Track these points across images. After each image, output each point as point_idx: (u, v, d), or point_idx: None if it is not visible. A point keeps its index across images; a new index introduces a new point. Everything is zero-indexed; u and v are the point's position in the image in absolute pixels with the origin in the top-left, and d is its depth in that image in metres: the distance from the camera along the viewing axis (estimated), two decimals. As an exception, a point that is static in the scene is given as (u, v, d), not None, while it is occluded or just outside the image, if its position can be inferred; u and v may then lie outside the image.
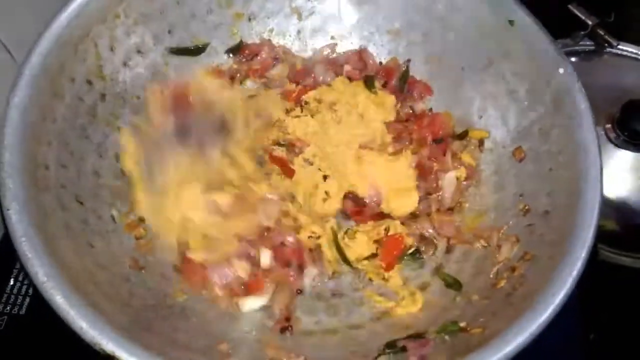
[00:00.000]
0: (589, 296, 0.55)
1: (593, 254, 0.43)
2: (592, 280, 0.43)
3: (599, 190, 0.44)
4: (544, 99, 0.52)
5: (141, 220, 0.52)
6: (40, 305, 0.39)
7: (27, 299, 0.56)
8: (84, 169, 0.50)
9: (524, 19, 0.53)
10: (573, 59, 0.74)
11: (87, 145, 0.51)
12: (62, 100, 0.49)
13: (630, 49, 0.74)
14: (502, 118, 0.56)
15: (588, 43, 0.74)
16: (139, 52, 0.56)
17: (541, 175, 0.50)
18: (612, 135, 0.67)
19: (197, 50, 0.60)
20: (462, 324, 0.45)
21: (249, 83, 0.62)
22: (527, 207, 0.50)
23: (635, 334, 0.61)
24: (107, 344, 0.38)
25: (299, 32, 0.64)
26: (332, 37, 0.64)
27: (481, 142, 0.58)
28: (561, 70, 0.51)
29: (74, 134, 0.50)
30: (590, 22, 0.72)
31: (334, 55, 0.63)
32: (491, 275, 0.48)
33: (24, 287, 0.57)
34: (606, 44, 0.73)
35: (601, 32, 0.72)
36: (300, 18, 0.63)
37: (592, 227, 0.43)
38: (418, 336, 0.46)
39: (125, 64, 0.55)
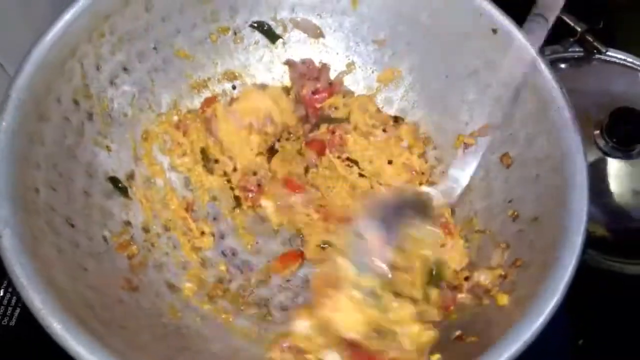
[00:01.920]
0: (578, 302, 0.56)
1: (582, 260, 0.43)
2: (581, 286, 0.43)
3: (586, 197, 0.45)
4: (529, 106, 0.53)
5: (132, 239, 0.52)
6: (31, 316, 0.39)
7: (17, 310, 0.56)
8: (74, 190, 0.50)
9: (507, 27, 0.54)
10: (562, 66, 0.75)
11: (76, 166, 0.51)
12: (49, 121, 0.49)
13: (619, 56, 0.75)
14: (488, 125, 0.57)
15: (577, 49, 0.75)
16: (125, 69, 0.56)
17: (528, 181, 0.51)
18: (601, 141, 0.68)
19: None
20: (458, 333, 0.45)
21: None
22: (516, 213, 0.51)
23: (624, 340, 0.62)
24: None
25: (284, 43, 0.64)
26: (318, 48, 0.64)
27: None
28: (545, 78, 0.52)
29: (62, 155, 0.50)
30: (579, 29, 0.73)
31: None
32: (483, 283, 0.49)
33: (14, 298, 0.57)
34: (595, 51, 0.74)
35: (590, 39, 0.73)
36: (285, 30, 0.64)
37: (580, 234, 0.43)
38: None
39: (111, 82, 0.55)
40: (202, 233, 0.56)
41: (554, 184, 0.48)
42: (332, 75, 0.64)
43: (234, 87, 0.63)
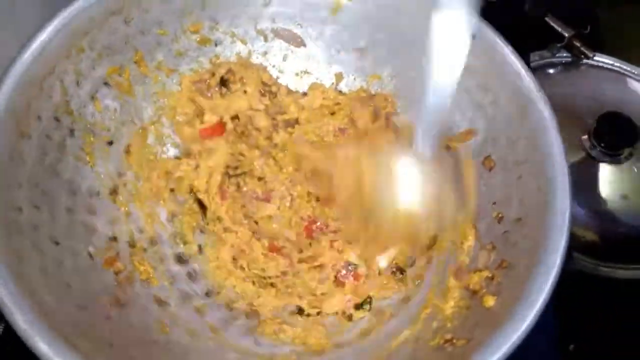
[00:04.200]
0: (567, 307, 0.56)
1: (570, 264, 0.44)
2: (571, 291, 0.44)
3: (568, 198, 0.46)
4: (509, 110, 0.53)
5: (118, 255, 0.52)
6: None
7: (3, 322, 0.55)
8: (57, 208, 0.49)
9: (486, 32, 0.54)
10: (550, 71, 0.76)
11: (58, 183, 0.51)
12: (30, 139, 0.48)
13: (606, 60, 0.76)
14: (469, 128, 0.57)
15: (565, 55, 0.75)
16: (105, 84, 0.56)
17: (511, 183, 0.52)
18: (589, 146, 0.68)
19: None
20: (448, 336, 0.46)
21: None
22: (500, 215, 0.52)
23: (615, 344, 0.62)
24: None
25: (265, 52, 0.64)
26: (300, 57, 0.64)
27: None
28: (523, 80, 0.52)
29: (44, 173, 0.49)
30: (566, 34, 0.73)
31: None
32: (471, 285, 0.49)
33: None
34: (582, 56, 0.74)
35: (577, 44, 0.74)
36: (266, 39, 0.64)
37: (564, 234, 0.44)
38: None
39: (92, 98, 0.55)
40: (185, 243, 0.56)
41: (536, 185, 0.48)
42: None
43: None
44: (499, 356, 0.39)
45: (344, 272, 0.55)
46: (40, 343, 0.38)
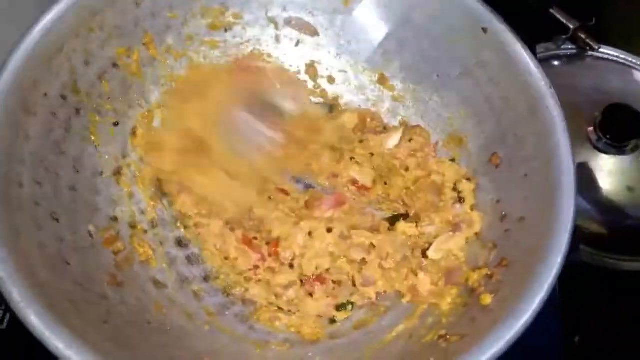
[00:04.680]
0: (572, 298, 0.56)
1: (576, 256, 0.43)
2: (576, 282, 0.43)
3: (573, 198, 0.45)
4: (519, 106, 0.52)
5: (118, 235, 0.52)
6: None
7: (9, 314, 0.55)
8: (60, 185, 0.50)
9: (497, 26, 0.53)
10: (555, 63, 0.75)
11: (63, 161, 0.51)
12: (35, 116, 0.48)
13: (611, 52, 0.75)
14: (478, 124, 0.56)
15: (570, 47, 0.75)
16: (114, 65, 0.56)
17: (517, 181, 0.51)
18: (594, 138, 0.68)
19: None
20: (442, 332, 0.45)
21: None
22: (503, 213, 0.51)
23: (620, 336, 0.62)
24: (85, 365, 0.37)
25: (276, 39, 0.64)
26: (310, 46, 0.64)
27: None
28: (534, 77, 0.51)
29: (48, 150, 0.50)
30: (571, 26, 0.73)
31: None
32: (470, 283, 0.49)
33: (5, 302, 0.56)
34: (588, 48, 0.74)
35: (582, 36, 0.73)
36: (277, 28, 0.63)
37: (567, 234, 0.43)
38: None
39: (100, 78, 0.55)
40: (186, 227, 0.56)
41: (541, 184, 0.48)
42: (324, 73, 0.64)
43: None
44: (492, 353, 0.39)
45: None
46: (32, 317, 0.38)
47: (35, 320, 0.38)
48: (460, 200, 0.55)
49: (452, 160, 0.58)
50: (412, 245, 0.54)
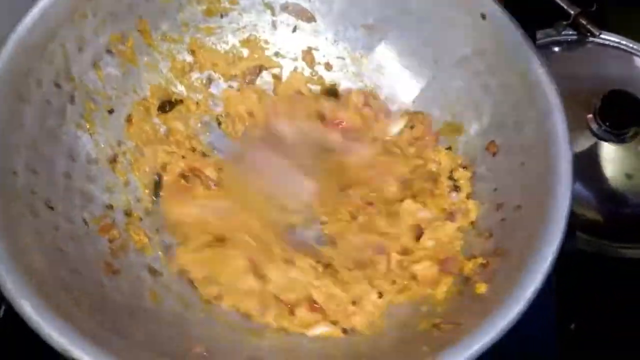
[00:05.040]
0: (569, 286, 0.55)
1: (573, 243, 0.43)
2: (572, 270, 0.43)
3: (569, 185, 0.44)
4: (517, 93, 0.52)
5: (113, 222, 0.52)
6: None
7: (4, 303, 0.56)
8: (55, 173, 0.50)
9: (496, 12, 0.53)
10: (556, 49, 0.74)
11: (57, 149, 0.51)
12: (29, 104, 0.48)
13: (612, 38, 0.74)
14: (476, 112, 0.56)
15: (570, 33, 0.74)
16: (108, 52, 0.55)
17: (514, 169, 0.50)
18: (594, 125, 0.67)
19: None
20: (437, 321, 0.45)
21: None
22: (500, 202, 0.51)
23: (616, 323, 0.62)
24: (78, 353, 0.37)
25: (273, 25, 0.63)
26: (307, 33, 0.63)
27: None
28: (533, 63, 0.51)
29: (43, 138, 0.49)
30: (572, 12, 0.72)
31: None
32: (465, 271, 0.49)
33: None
34: (589, 34, 0.72)
35: (583, 22, 0.72)
36: (273, 13, 0.63)
37: (562, 223, 0.43)
38: None
39: (95, 65, 0.54)
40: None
41: (538, 171, 0.47)
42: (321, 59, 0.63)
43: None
44: (485, 342, 0.38)
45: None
46: (25, 305, 0.38)
47: (29, 308, 0.38)
48: (456, 188, 0.55)
49: (449, 148, 0.57)
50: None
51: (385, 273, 0.51)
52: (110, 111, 0.56)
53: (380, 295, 0.50)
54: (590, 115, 0.67)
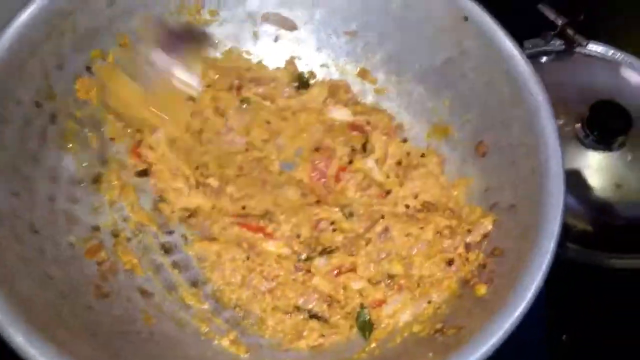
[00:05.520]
0: (560, 296, 0.55)
1: (563, 253, 0.42)
2: (563, 280, 0.42)
3: (562, 181, 0.45)
4: (503, 93, 0.52)
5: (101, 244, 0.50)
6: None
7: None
8: (38, 196, 0.48)
9: (479, 14, 0.53)
10: (543, 59, 0.74)
11: (40, 171, 0.49)
12: (10, 125, 0.47)
13: (600, 49, 0.74)
14: (463, 114, 0.56)
15: (558, 43, 0.74)
16: (88, 69, 0.54)
17: (504, 168, 0.50)
18: (582, 135, 0.67)
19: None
20: (438, 326, 0.44)
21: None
22: (493, 202, 0.50)
23: (607, 334, 0.61)
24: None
25: (254, 35, 0.62)
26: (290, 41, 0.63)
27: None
28: (517, 63, 0.51)
29: (25, 160, 0.48)
30: (559, 22, 0.72)
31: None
32: (463, 273, 0.48)
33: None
34: (576, 44, 0.73)
35: (570, 32, 0.72)
36: (255, 24, 0.62)
37: (557, 219, 0.43)
38: None
39: (75, 82, 0.53)
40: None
41: (529, 169, 0.47)
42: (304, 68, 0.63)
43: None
44: (491, 344, 0.38)
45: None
46: (15, 335, 0.36)
47: (20, 340, 0.36)
48: None
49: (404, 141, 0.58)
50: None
51: None
52: (93, 130, 0.54)
53: None
54: (578, 125, 0.67)
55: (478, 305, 0.43)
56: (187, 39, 0.57)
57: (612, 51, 0.74)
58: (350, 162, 0.57)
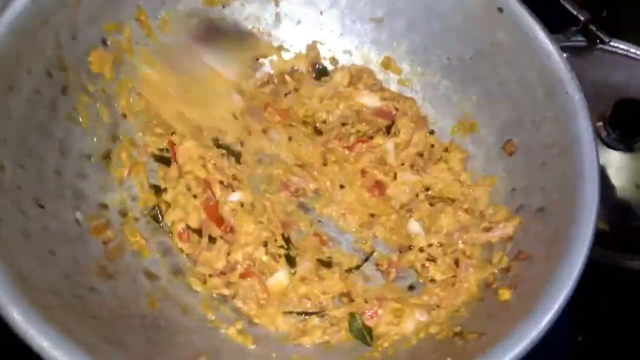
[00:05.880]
0: (577, 297, 0.53)
1: None
2: (580, 281, 0.40)
3: (597, 184, 0.42)
4: (536, 90, 0.50)
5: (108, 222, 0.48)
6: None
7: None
8: (45, 169, 0.46)
9: (514, 5, 0.51)
10: (565, 55, 0.72)
11: (48, 143, 0.47)
12: (19, 94, 0.45)
13: (622, 46, 0.72)
14: (492, 110, 0.54)
15: (580, 39, 0.72)
16: (103, 41, 0.52)
17: (533, 169, 0.48)
18: (603, 133, 0.65)
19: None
20: (457, 329, 0.42)
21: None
22: (520, 204, 0.48)
23: (624, 336, 0.60)
24: (73, 366, 0.34)
25: (277, 17, 0.60)
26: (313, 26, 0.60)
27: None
28: (553, 60, 0.48)
29: (33, 131, 0.46)
30: (582, 18, 0.70)
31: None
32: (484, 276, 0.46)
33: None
34: (598, 41, 0.71)
35: (593, 28, 0.70)
36: (277, 4, 0.60)
37: (591, 224, 0.41)
38: None
39: (89, 54, 0.51)
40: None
41: (561, 171, 0.45)
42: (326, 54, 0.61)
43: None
44: (517, 352, 0.36)
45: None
46: (14, 312, 0.34)
47: (18, 317, 0.34)
48: None
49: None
50: None
51: None
52: (106, 105, 0.52)
53: None
54: (599, 123, 0.65)
55: (502, 311, 0.41)
56: (230, 35, 0.55)
57: (634, 49, 0.72)
58: (371, 137, 0.56)
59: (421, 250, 0.51)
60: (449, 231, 0.50)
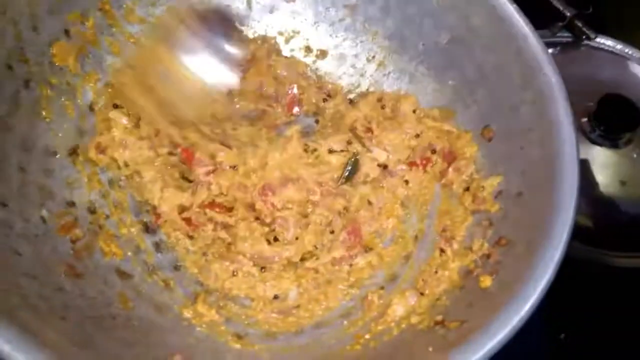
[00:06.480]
0: (559, 294, 0.52)
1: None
2: (563, 278, 0.40)
3: (576, 168, 0.42)
4: (513, 74, 0.49)
5: (76, 220, 0.46)
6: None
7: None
8: (7, 166, 0.44)
9: (489, -11, 0.50)
10: (550, 51, 0.71)
11: (10, 139, 0.45)
12: (-24, 87, 0.43)
13: (608, 42, 0.72)
14: (469, 96, 0.53)
15: (566, 35, 0.72)
16: (66, 32, 0.50)
17: (512, 154, 0.48)
18: (588, 129, 0.65)
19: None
20: (438, 318, 0.41)
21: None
22: (499, 189, 0.47)
23: (606, 333, 0.59)
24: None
25: (248, 4, 0.58)
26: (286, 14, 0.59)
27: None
28: (530, 42, 0.48)
29: (-7, 126, 0.44)
30: (568, 14, 0.70)
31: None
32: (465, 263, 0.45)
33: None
34: (584, 36, 0.71)
35: (579, 24, 0.70)
36: (250, -4, 0.58)
37: (571, 208, 0.40)
38: None
39: (51, 46, 0.49)
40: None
41: (540, 156, 0.44)
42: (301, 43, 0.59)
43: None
44: (499, 339, 0.35)
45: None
46: (-27, 315, 0.32)
47: (-24, 320, 0.32)
48: None
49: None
50: None
51: None
52: (70, 98, 0.50)
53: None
54: (584, 120, 0.65)
55: (483, 298, 0.40)
56: (215, 21, 0.54)
57: (620, 45, 0.72)
58: None
59: None
60: None
